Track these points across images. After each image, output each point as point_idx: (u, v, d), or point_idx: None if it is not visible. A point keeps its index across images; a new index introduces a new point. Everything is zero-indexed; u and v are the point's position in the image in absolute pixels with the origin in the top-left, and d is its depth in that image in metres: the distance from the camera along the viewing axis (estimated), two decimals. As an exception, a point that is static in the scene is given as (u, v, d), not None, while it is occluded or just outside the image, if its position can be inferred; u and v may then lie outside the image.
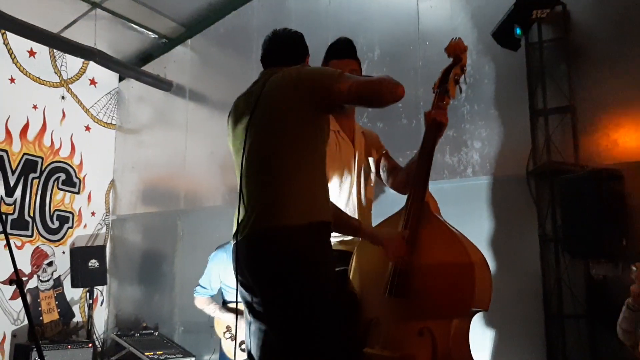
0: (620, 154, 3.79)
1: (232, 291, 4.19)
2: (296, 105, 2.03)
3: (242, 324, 4.00)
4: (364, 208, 2.48)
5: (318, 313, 1.94)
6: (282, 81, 2.09)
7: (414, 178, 2.25)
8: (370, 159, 2.57)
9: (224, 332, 4.35)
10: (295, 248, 1.94)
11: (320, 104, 2.03)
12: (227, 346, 4.32)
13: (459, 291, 2.07)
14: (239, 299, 2.16)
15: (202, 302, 4.38)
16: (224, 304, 4.37)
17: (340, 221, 2.21)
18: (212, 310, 4.33)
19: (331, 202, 2.15)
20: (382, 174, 2.59)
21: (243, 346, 4.08)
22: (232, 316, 4.23)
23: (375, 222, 2.52)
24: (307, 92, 2.03)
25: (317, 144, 2.06)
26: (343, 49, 2.50)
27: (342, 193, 2.43)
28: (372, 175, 2.58)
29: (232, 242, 2.10)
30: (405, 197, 2.28)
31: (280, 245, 1.95)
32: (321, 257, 1.99)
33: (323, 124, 2.11)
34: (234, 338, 4.22)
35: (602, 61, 3.93)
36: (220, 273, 4.31)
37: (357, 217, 2.39)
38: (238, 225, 2.07)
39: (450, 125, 2.34)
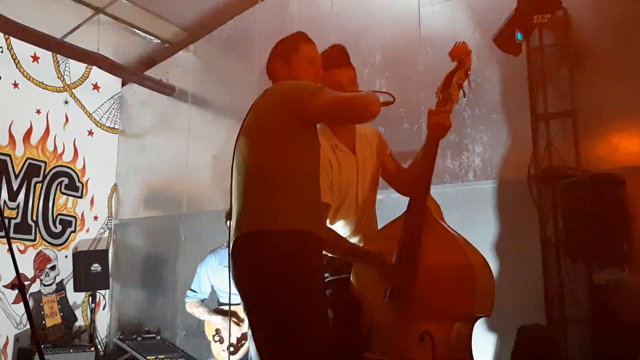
0: (622, 158, 3.78)
1: (225, 295, 4.27)
2: (275, 119, 2.04)
3: (234, 326, 4.18)
4: (368, 218, 2.47)
5: (294, 319, 1.87)
6: (262, 97, 2.14)
7: (415, 182, 2.25)
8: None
9: (214, 335, 4.41)
10: (271, 253, 1.90)
11: (298, 119, 2.01)
12: (216, 349, 4.39)
13: (459, 295, 2.07)
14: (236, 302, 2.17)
15: (192, 305, 4.52)
16: (218, 307, 4.43)
17: (337, 247, 2.24)
18: (201, 313, 4.44)
19: (330, 229, 2.19)
20: (386, 177, 2.58)
21: (232, 349, 4.16)
22: (220, 319, 4.32)
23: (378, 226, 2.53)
24: (284, 106, 2.03)
25: (300, 157, 2.04)
26: (341, 58, 2.42)
27: (344, 212, 2.40)
28: (378, 181, 2.56)
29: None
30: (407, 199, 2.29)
31: (255, 250, 1.93)
32: (299, 265, 1.90)
33: (308, 137, 2.08)
34: (222, 341, 4.31)
35: (603, 66, 3.93)
36: (209, 277, 4.47)
37: (359, 228, 2.39)
38: (230, 233, 2.09)
39: (452, 129, 2.32)
